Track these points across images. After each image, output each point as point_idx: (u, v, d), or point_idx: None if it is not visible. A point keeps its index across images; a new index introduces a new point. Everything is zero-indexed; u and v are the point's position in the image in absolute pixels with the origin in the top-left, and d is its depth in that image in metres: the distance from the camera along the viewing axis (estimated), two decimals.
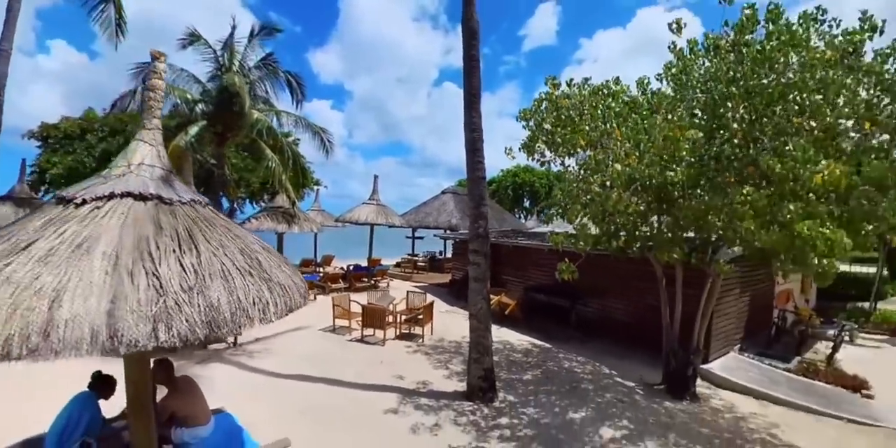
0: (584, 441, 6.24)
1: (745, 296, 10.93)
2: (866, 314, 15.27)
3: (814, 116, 5.40)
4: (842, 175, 4.76)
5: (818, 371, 9.73)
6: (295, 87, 11.87)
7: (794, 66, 5.68)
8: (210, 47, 11.04)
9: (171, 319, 2.75)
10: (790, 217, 5.06)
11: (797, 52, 5.69)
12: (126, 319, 2.64)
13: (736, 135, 5.70)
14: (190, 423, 4.44)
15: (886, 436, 7.20)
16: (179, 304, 2.82)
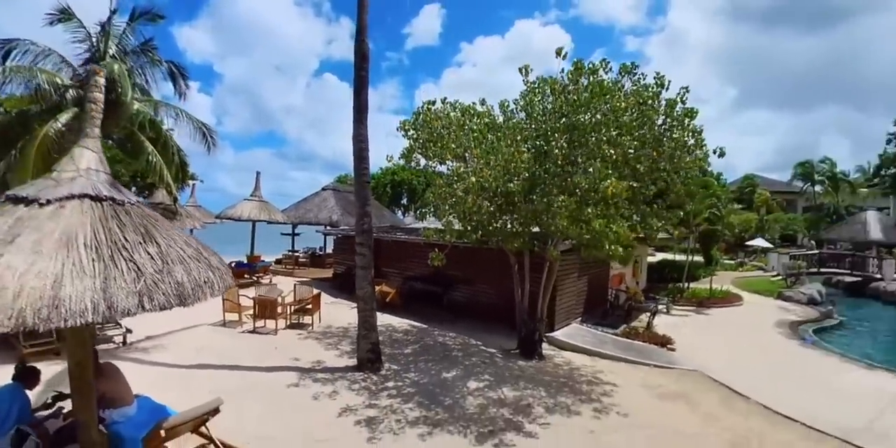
0: (455, 391, 7.95)
1: (584, 278, 13.54)
2: (681, 291, 19.11)
3: (614, 146, 7.60)
4: (623, 188, 6.95)
5: (638, 334, 12.52)
6: (178, 78, 11.62)
7: (603, 110, 7.89)
8: (83, 28, 10.34)
9: (151, 293, 3.77)
10: (590, 217, 7.19)
11: (605, 100, 7.92)
12: (118, 294, 3.63)
13: (558, 158, 7.77)
14: (117, 404, 4.93)
15: (679, 374, 9.86)
16: (156, 282, 3.84)
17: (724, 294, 19.13)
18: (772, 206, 59.49)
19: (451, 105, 10.07)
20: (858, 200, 48.96)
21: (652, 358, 10.79)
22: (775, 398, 8.47)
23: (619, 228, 7.14)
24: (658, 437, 6.87)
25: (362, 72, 8.62)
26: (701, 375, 9.77)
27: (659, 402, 8.29)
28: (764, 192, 59.97)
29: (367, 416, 6.96)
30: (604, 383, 8.92)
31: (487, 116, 10.01)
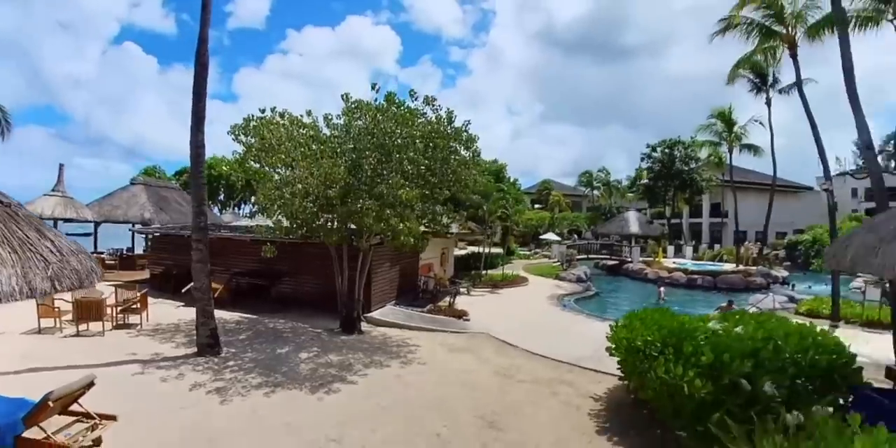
0: (289, 362, 9.86)
1: (396, 267, 16.22)
2: (480, 277, 23.05)
3: (411, 164, 10.26)
4: (415, 195, 9.65)
5: (441, 310, 15.54)
6: None
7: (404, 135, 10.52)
8: None
9: (59, 277, 5.13)
10: (390, 217, 9.77)
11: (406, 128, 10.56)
12: (36, 278, 4.94)
13: (368, 171, 10.20)
14: None
15: (469, 335, 12.93)
16: (61, 269, 5.18)
17: (514, 277, 23.63)
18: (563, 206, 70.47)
19: (280, 114, 11.82)
20: (626, 202, 60.95)
21: (450, 327, 13.83)
22: (534, 345, 11.91)
23: (412, 225, 9.85)
24: (446, 374, 9.65)
25: (202, 80, 9.91)
26: (486, 335, 13.00)
27: (451, 353, 11.19)
28: (557, 194, 70.84)
29: (215, 387, 8.44)
30: (410, 346, 11.58)
31: (312, 129, 11.97)
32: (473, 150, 12.16)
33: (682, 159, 46.35)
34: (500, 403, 8.12)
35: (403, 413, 7.60)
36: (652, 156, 48.32)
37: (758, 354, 6.06)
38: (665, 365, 5.99)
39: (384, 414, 7.55)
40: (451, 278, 21.41)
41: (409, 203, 10.15)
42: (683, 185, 45.39)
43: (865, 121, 11.47)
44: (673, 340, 6.34)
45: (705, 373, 5.76)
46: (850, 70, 11.71)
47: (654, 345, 6.50)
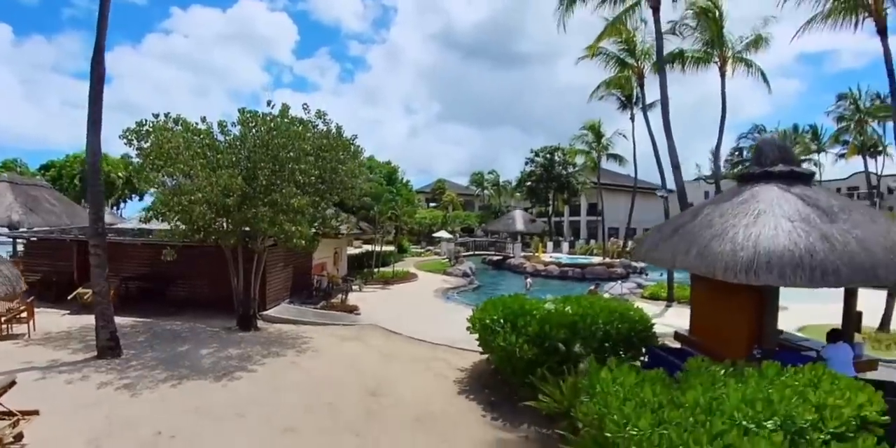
0: (192, 357, 10.79)
1: (289, 267, 17.27)
2: (372, 274, 24.51)
3: (303, 174, 11.56)
4: (306, 203, 10.98)
5: (333, 306, 16.85)
6: None
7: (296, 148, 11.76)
8: None
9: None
10: (283, 221, 11.03)
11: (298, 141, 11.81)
12: None
13: (263, 181, 11.36)
14: None
15: (359, 327, 14.40)
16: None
17: (404, 274, 25.38)
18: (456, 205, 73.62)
19: (175, 120, 12.50)
20: (515, 201, 65.18)
21: (341, 320, 15.23)
22: (416, 331, 13.64)
23: (303, 228, 11.21)
24: (336, 359, 11.11)
25: (99, 87, 10.40)
26: (374, 326, 14.54)
27: (341, 342, 12.64)
28: (451, 193, 73.85)
29: (123, 384, 9.14)
30: (304, 338, 12.86)
31: (207, 136, 12.77)
32: (359, 161, 13.69)
33: (561, 164, 50.89)
34: (382, 378, 9.76)
35: (300, 390, 8.99)
36: (535, 160, 52.49)
37: (574, 325, 8.22)
38: (504, 336, 7.95)
39: (283, 392, 8.89)
40: (344, 276, 22.66)
41: (301, 209, 11.44)
42: (562, 187, 49.87)
43: (674, 143, 14.51)
44: (511, 317, 8.34)
45: (532, 340, 7.79)
46: (665, 104, 14.72)
47: (498, 322, 8.47)
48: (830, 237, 6.47)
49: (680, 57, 22.90)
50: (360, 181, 13.64)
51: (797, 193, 7.52)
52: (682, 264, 7.56)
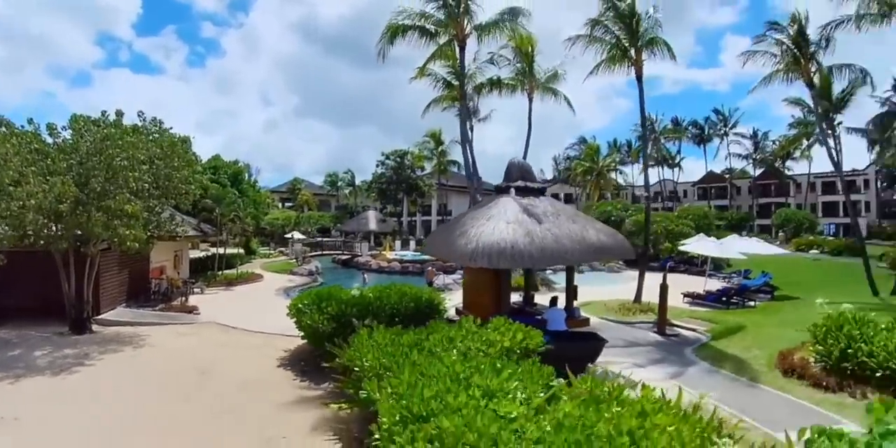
0: (24, 359, 11.46)
1: (125, 271, 17.75)
2: (215, 276, 25.14)
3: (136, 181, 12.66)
4: (139, 209, 12.16)
5: (172, 307, 17.69)
6: None
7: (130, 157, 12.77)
8: None
9: None
10: (117, 226, 12.11)
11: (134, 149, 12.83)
12: None
13: (97, 188, 12.27)
14: None
15: (199, 325, 15.53)
16: None
17: (249, 275, 26.35)
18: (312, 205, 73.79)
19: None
20: (371, 202, 67.14)
21: (180, 320, 16.27)
22: (253, 325, 15.18)
23: (137, 232, 12.36)
24: (173, 351, 12.43)
25: None
26: (213, 323, 15.81)
27: (179, 338, 13.88)
28: (306, 193, 73.80)
29: None
30: (141, 336, 13.87)
31: (36, 140, 13.18)
32: (193, 169, 14.97)
33: (410, 167, 54.16)
34: (213, 361, 11.42)
35: (137, 376, 10.36)
36: (385, 163, 55.18)
37: (369, 305, 10.63)
38: (310, 315, 10.14)
39: (121, 378, 10.20)
40: (185, 279, 23.11)
41: (136, 214, 12.52)
42: (410, 189, 53.14)
43: (475, 165, 17.65)
44: (317, 301, 10.55)
45: (333, 317, 10.07)
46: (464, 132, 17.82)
47: (308, 305, 10.62)
48: (532, 233, 9.59)
49: (498, 83, 26.87)
50: (193, 187, 14.84)
51: (525, 203, 10.67)
52: (445, 255, 10.36)
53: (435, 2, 19.74)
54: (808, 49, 24.89)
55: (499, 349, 6.99)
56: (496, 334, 7.15)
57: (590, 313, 17.98)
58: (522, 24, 20.36)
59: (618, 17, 20.67)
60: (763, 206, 72.23)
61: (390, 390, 4.80)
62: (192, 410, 8.51)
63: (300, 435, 7.47)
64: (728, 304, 20.51)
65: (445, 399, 4.14)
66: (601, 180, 51.67)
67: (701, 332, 15.66)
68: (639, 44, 20.79)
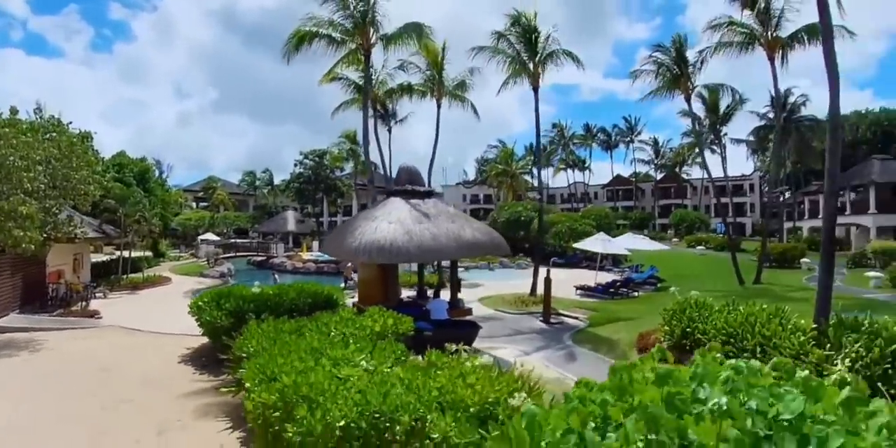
0: None
1: (18, 276, 17.31)
2: (119, 280, 24.59)
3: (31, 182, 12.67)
4: (34, 210, 12.22)
5: (73, 313, 17.43)
6: None
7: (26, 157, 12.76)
8: None
9: None
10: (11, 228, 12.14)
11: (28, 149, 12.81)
12: None
13: None
14: None
15: (101, 329, 15.51)
16: None
17: (157, 278, 25.99)
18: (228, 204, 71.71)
19: None
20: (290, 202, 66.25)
21: (81, 325, 16.15)
22: (158, 327, 15.37)
23: (32, 234, 12.38)
24: (73, 353, 12.60)
25: None
26: (116, 327, 15.85)
27: (79, 341, 13.96)
28: (222, 192, 71.54)
29: None
30: (38, 341, 13.81)
31: None
32: (93, 170, 15.00)
33: (329, 167, 54.26)
34: (115, 361, 11.77)
35: (35, 378, 10.57)
36: (304, 162, 54.93)
37: (266, 301, 11.39)
38: (209, 312, 10.80)
39: (18, 379, 10.39)
40: (85, 284, 22.53)
41: (31, 216, 12.55)
42: (329, 189, 53.27)
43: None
44: (217, 299, 11.22)
45: (231, 313, 10.77)
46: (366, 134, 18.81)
47: (208, 303, 11.25)
48: (412, 232, 10.78)
49: (409, 88, 28.08)
50: (93, 187, 14.87)
51: (411, 204, 11.85)
52: (336, 253, 11.34)
53: (342, 11, 20.58)
54: (687, 69, 28.07)
55: (368, 333, 8.07)
56: (369, 321, 8.24)
57: (488, 306, 19.65)
58: (427, 36, 21.58)
59: (520, 33, 22.47)
60: (664, 207, 78.18)
61: (257, 364, 5.76)
62: (92, 404, 8.98)
63: (193, 418, 8.23)
64: (613, 295, 22.77)
65: (294, 365, 5.18)
66: (514, 182, 54.17)
67: (582, 319, 17.55)
68: (537, 58, 22.70)
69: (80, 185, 14.43)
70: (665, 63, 28.24)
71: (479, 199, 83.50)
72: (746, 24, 26.04)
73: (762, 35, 25.84)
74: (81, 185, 14.52)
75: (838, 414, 1.85)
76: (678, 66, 28.01)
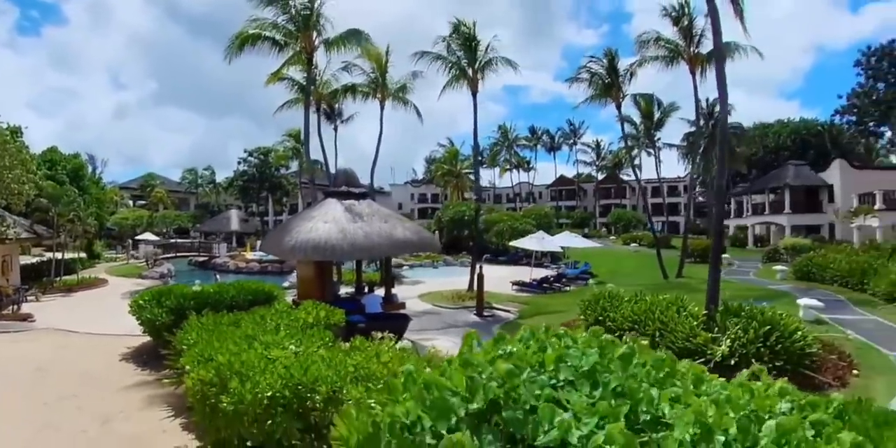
0: None
1: None
2: (52, 282, 24.10)
3: None
4: None
5: (4, 317, 17.21)
6: None
7: None
8: None
9: None
10: None
11: None
12: None
13: None
14: None
15: (36, 331, 15.51)
16: None
17: (92, 280, 25.59)
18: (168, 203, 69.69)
19: None
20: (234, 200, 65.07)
21: (13, 328, 16.03)
22: (95, 329, 15.46)
23: None
24: (5, 358, 12.64)
25: None
26: (51, 329, 15.83)
27: (13, 344, 13.98)
28: (161, 190, 69.45)
29: None
30: None
31: None
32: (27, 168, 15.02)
33: (274, 165, 53.89)
34: (51, 361, 12.00)
35: None
36: (248, 160, 54.34)
37: (207, 298, 11.94)
38: (149, 310, 11.28)
39: None
40: (16, 287, 22.02)
41: None
42: (274, 188, 52.97)
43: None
44: (158, 297, 11.70)
45: (171, 311, 11.28)
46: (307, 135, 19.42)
47: (149, 301, 11.71)
48: (346, 231, 11.59)
49: (352, 89, 28.79)
50: (27, 188, 14.89)
51: (345, 205, 12.64)
52: (274, 251, 12.01)
53: (285, 14, 21.06)
54: (618, 79, 30.06)
55: (301, 323, 8.84)
56: (303, 313, 9.03)
57: (426, 301, 20.64)
58: (367, 42, 22.35)
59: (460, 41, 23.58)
60: (605, 207, 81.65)
61: (196, 350, 6.49)
62: (32, 401, 9.31)
63: (137, 410, 8.78)
64: (546, 290, 24.24)
65: (230, 348, 5.96)
66: (459, 182, 55.46)
67: (513, 312, 18.83)
68: (476, 65, 23.89)
69: (13, 185, 14.43)
70: (598, 73, 30.12)
71: (426, 198, 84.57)
72: (672, 40, 28.12)
73: (685, 50, 27.99)
74: (15, 184, 14.53)
75: (617, 364, 2.90)
76: (610, 76, 29.95)
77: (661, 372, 2.96)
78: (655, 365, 3.00)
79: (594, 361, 2.89)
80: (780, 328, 10.51)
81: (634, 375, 2.85)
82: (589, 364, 2.87)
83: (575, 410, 2.35)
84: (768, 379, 3.00)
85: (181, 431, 7.64)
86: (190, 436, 7.40)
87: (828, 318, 15.32)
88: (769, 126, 69.18)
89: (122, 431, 7.85)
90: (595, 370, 2.86)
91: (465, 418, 2.44)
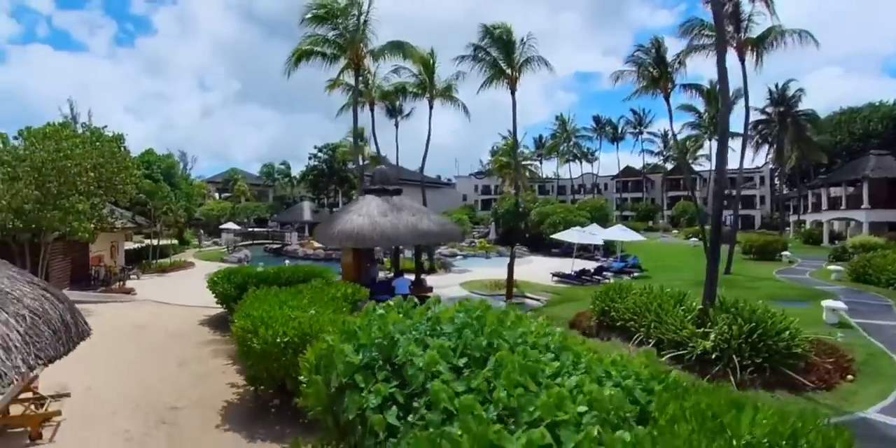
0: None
1: (68, 259, 20.93)
2: (150, 264, 28.27)
3: (85, 184, 16.08)
4: (87, 205, 15.61)
5: (112, 290, 21.01)
6: None
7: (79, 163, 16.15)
8: None
9: None
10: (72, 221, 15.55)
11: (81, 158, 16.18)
12: None
13: (54, 190, 15.62)
14: None
15: (138, 302, 19.02)
16: None
17: (182, 263, 29.64)
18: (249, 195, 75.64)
19: None
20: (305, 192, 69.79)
21: (120, 299, 19.69)
22: (182, 301, 18.80)
23: (86, 225, 15.83)
24: (112, 318, 15.97)
25: None
26: (149, 301, 19.35)
27: (120, 310, 17.45)
28: (242, 184, 75.47)
29: None
30: (87, 310, 17.17)
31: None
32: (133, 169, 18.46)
33: (341, 160, 57.55)
34: (149, 321, 15.19)
35: None
36: (318, 155, 58.35)
37: (268, 276, 14.57)
38: (221, 285, 14.04)
39: None
40: (121, 267, 26.23)
41: (85, 211, 15.94)
42: (341, 181, 56.65)
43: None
44: (228, 275, 14.49)
45: (237, 286, 13.97)
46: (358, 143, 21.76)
47: (221, 278, 14.49)
48: (375, 223, 13.83)
49: (403, 90, 31.20)
50: (130, 187, 18.28)
51: (382, 200, 14.87)
52: (320, 240, 14.43)
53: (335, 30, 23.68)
54: (666, 69, 30.21)
55: (329, 297, 11.08)
56: (333, 289, 11.36)
57: (465, 288, 22.62)
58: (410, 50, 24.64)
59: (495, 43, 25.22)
60: (673, 199, 79.72)
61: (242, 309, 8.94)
62: (134, 347, 12.38)
63: (205, 357, 11.56)
64: (584, 282, 25.50)
65: (264, 308, 8.33)
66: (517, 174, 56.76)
67: (542, 301, 20.42)
68: (515, 64, 25.44)
69: (120, 186, 17.83)
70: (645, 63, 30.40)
71: (490, 189, 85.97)
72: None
73: (733, 37, 27.79)
74: (121, 185, 17.92)
75: (535, 335, 4.84)
76: (658, 66, 30.16)
77: (538, 338, 4.76)
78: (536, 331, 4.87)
79: (464, 322, 4.82)
80: (765, 326, 10.66)
81: (498, 332, 4.71)
82: (461, 322, 4.81)
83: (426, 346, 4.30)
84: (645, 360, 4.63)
85: (234, 373, 10.26)
86: (240, 377, 9.94)
87: (857, 323, 14.54)
88: (858, 110, 62.90)
89: (193, 370, 10.59)
90: (464, 327, 4.78)
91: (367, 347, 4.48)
